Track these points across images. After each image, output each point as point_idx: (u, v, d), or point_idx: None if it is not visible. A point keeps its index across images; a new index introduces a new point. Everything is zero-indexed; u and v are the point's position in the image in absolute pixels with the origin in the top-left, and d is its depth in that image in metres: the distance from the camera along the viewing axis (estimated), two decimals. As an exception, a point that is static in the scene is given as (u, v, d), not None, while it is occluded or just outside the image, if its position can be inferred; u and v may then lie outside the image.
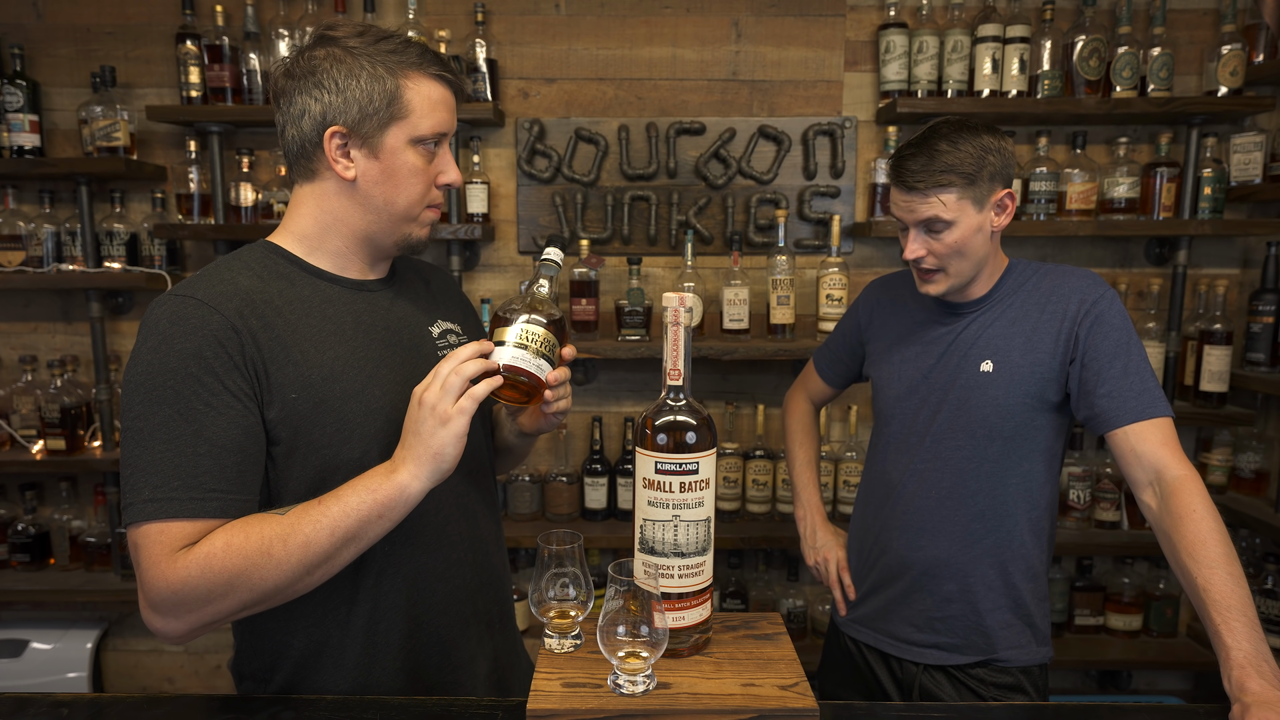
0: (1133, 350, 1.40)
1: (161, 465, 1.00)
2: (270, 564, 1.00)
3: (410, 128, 1.13)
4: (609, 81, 2.47)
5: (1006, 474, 1.49)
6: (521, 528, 2.47)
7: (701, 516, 1.05)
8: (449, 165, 1.19)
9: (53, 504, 2.59)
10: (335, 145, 1.12)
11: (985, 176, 1.39)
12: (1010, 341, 1.47)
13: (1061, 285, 1.47)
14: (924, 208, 1.41)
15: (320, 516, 1.02)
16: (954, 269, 1.45)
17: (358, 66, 1.11)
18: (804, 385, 1.90)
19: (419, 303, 1.29)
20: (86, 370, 2.56)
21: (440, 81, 1.16)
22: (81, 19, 2.45)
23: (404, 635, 1.18)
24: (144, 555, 1.00)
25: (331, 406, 1.10)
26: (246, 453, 1.04)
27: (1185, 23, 2.43)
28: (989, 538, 1.50)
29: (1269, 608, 2.31)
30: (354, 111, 1.11)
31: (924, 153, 1.40)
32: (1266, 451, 2.47)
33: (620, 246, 2.52)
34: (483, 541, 1.27)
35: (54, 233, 2.43)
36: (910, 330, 1.60)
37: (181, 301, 1.05)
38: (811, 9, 2.44)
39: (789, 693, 1.00)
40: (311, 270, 1.18)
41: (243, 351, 1.05)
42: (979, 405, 1.47)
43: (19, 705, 1.10)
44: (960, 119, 1.43)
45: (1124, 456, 1.38)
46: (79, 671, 2.55)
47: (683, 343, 1.04)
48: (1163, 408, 1.37)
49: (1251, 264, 2.51)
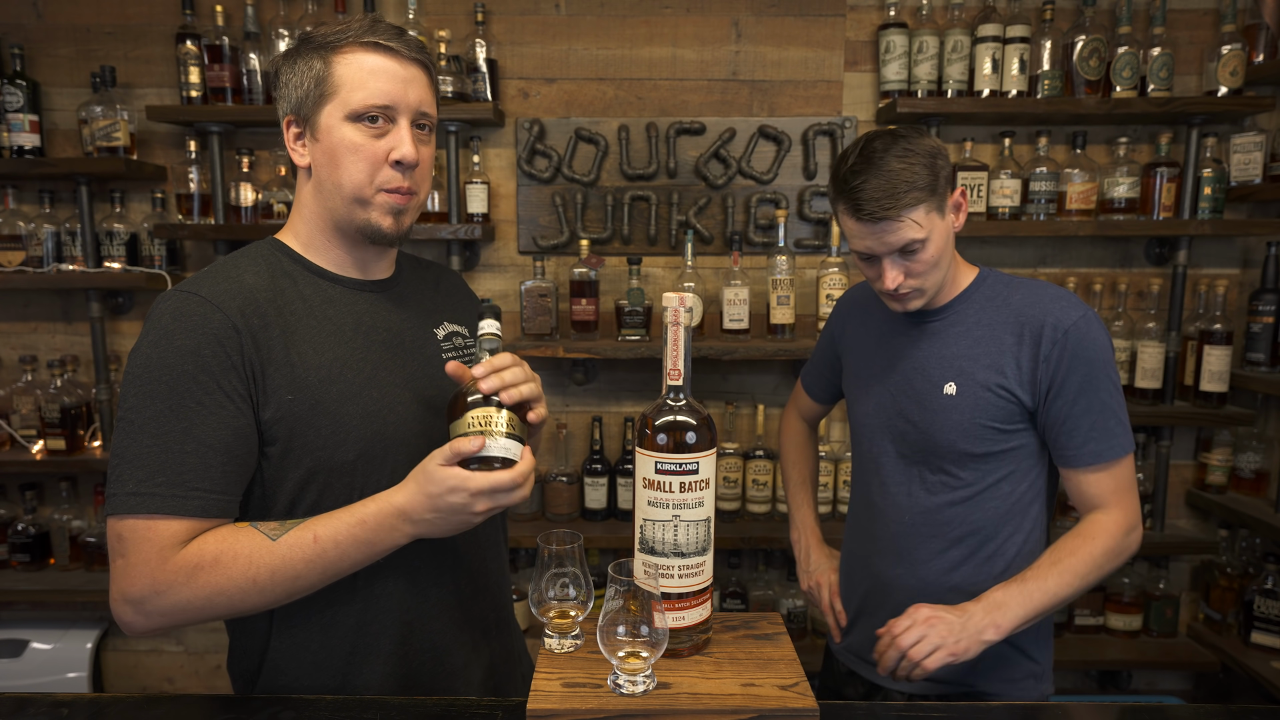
0: (1100, 384, 1.34)
1: (148, 459, 1.01)
2: (254, 591, 1.03)
3: (341, 104, 1.10)
4: (609, 81, 2.47)
5: (985, 496, 1.42)
6: (521, 528, 2.47)
7: (701, 516, 1.05)
8: (401, 140, 1.11)
9: (53, 504, 2.59)
10: (292, 135, 1.16)
11: (942, 181, 1.33)
12: (975, 362, 1.40)
13: (1033, 304, 1.39)
14: (896, 235, 1.32)
15: (315, 557, 1.04)
16: (930, 283, 1.39)
17: (299, 57, 1.13)
18: (795, 404, 1.85)
19: (425, 304, 1.28)
20: (86, 370, 2.56)
21: (374, 50, 1.10)
22: (81, 19, 2.44)
23: (396, 641, 1.17)
24: (131, 550, 1.01)
25: (327, 409, 1.09)
26: (233, 454, 1.05)
27: (1185, 23, 2.43)
28: (970, 563, 1.43)
29: (1269, 608, 2.31)
30: (294, 99, 1.13)
31: (878, 176, 1.30)
32: (1266, 451, 2.47)
33: (620, 246, 2.52)
34: (480, 548, 1.26)
35: (54, 233, 2.43)
36: (876, 342, 1.54)
37: (185, 298, 1.06)
38: (811, 9, 2.44)
39: (789, 693, 1.00)
40: (314, 269, 1.18)
41: (241, 351, 1.05)
42: (944, 430, 1.40)
43: (19, 705, 1.10)
44: (888, 130, 1.36)
45: (1072, 493, 1.41)
46: (79, 671, 2.55)
47: (683, 343, 1.04)
48: (1120, 447, 1.36)
49: (1251, 264, 2.51)
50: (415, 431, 1.16)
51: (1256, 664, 2.28)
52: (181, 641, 2.69)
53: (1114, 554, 1.36)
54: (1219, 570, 2.49)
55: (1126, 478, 1.38)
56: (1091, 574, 1.34)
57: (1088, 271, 2.51)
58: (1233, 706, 1.18)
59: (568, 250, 2.51)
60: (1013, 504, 1.43)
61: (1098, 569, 1.35)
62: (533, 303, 2.38)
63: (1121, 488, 1.37)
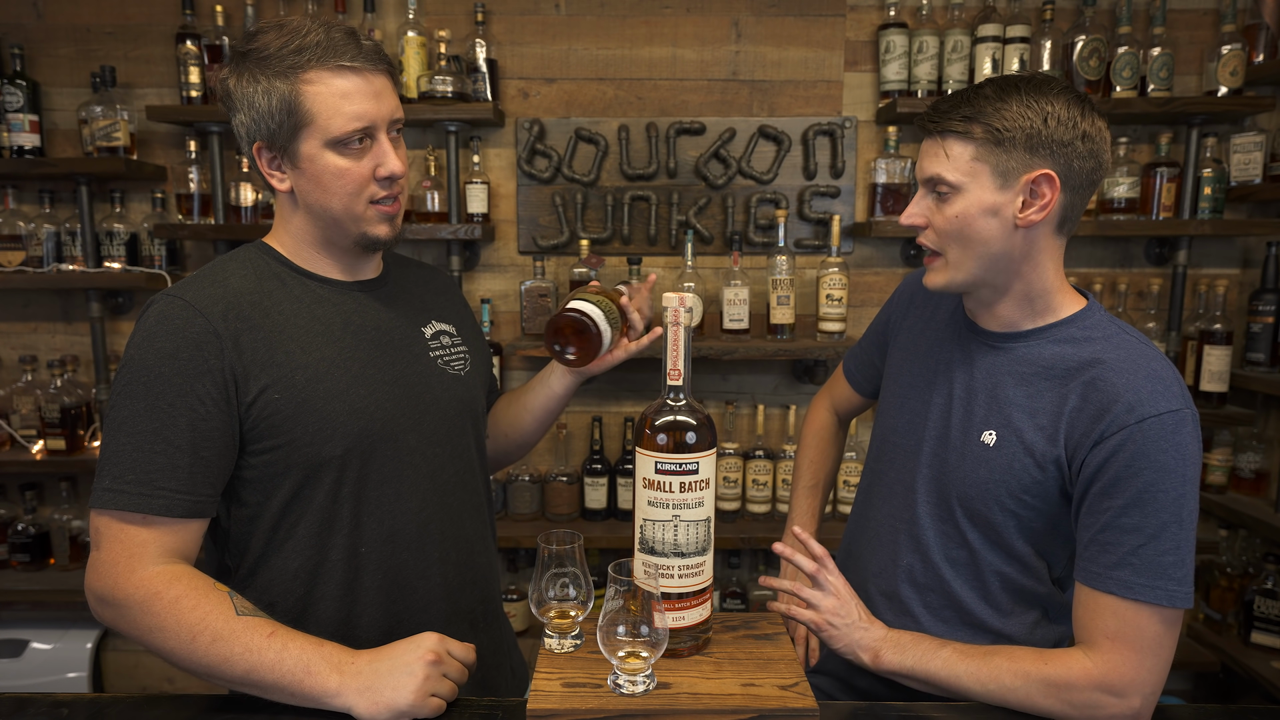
0: (1164, 503, 1.01)
1: (122, 457, 1.04)
2: (187, 646, 1.01)
3: (320, 132, 1.08)
4: (609, 81, 2.47)
5: (984, 569, 1.19)
6: (521, 528, 2.47)
7: (701, 516, 1.05)
8: (385, 155, 1.11)
9: (53, 504, 2.59)
10: (265, 161, 1.14)
11: (1021, 142, 1.05)
12: (1028, 417, 1.12)
13: (1120, 372, 1.07)
14: (928, 159, 1.11)
15: (253, 658, 1.01)
16: (952, 256, 1.12)
17: (254, 80, 1.08)
18: (829, 391, 1.58)
19: (413, 304, 1.29)
20: (86, 370, 2.56)
21: (340, 73, 1.07)
22: (81, 19, 2.44)
23: (382, 633, 1.18)
24: (104, 546, 1.05)
25: (314, 406, 1.11)
26: (200, 455, 1.06)
27: (1185, 23, 2.43)
28: (960, 633, 1.21)
29: (1269, 608, 2.31)
30: (265, 128, 1.10)
31: (964, 93, 1.09)
32: (1266, 451, 2.47)
33: (620, 246, 2.52)
34: (467, 541, 1.28)
35: (54, 233, 2.43)
36: (930, 345, 1.28)
37: (170, 302, 1.09)
38: (811, 9, 2.44)
39: (789, 693, 1.00)
40: (301, 272, 1.19)
41: (221, 356, 1.07)
42: (963, 482, 1.17)
43: (19, 705, 1.10)
44: (1045, 77, 1.09)
45: (1074, 614, 1.10)
46: (79, 671, 2.55)
47: (683, 343, 1.04)
48: (1161, 593, 1.01)
49: (1251, 264, 2.51)
50: (403, 427, 1.18)
51: (1256, 664, 2.28)
52: (181, 641, 2.68)
53: (1057, 696, 1.05)
54: (1219, 570, 2.49)
55: (1150, 638, 1.02)
56: (1010, 695, 1.08)
57: (1088, 271, 2.51)
58: (1233, 706, 1.18)
59: (568, 250, 2.51)
60: (1018, 586, 1.18)
61: (1023, 698, 1.07)
62: (533, 303, 2.38)
63: (1130, 643, 1.03)
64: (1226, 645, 2.39)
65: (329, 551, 1.16)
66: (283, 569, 1.15)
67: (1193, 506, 1.03)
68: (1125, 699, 1.03)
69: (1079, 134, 1.06)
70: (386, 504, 1.18)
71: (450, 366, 1.28)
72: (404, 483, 1.19)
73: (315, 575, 1.16)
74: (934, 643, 1.16)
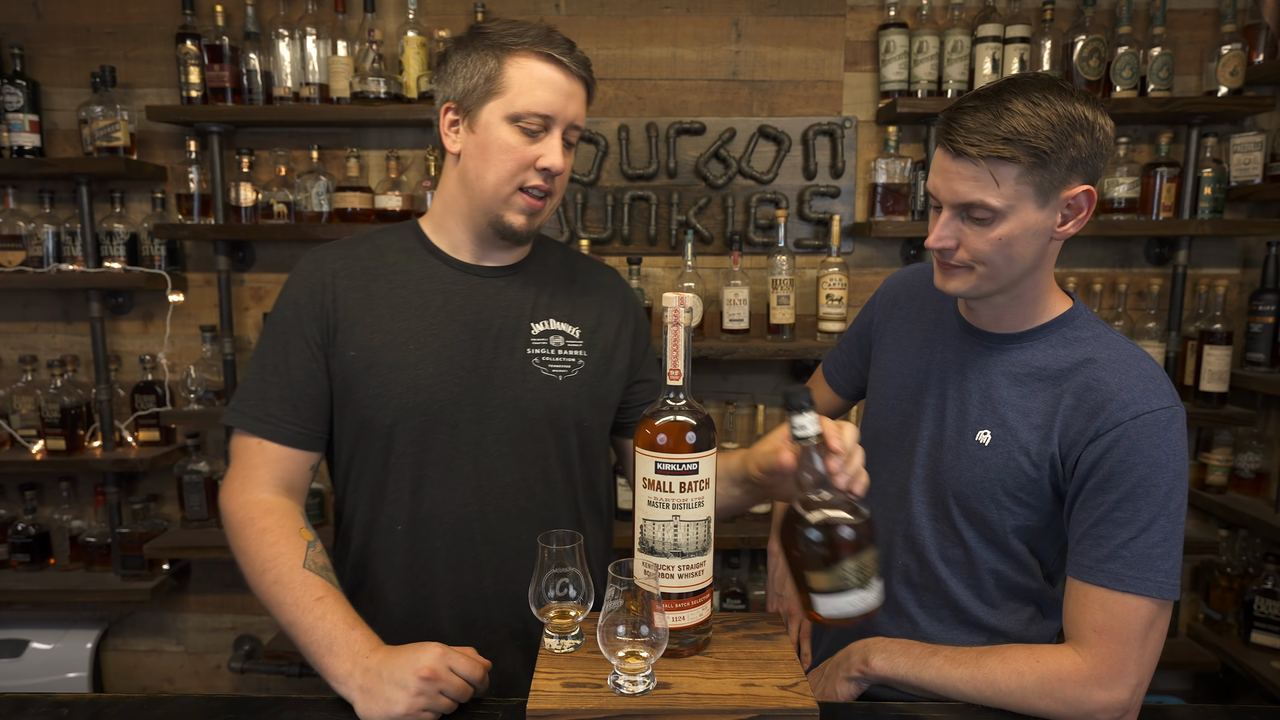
0: (1154, 497, 1.06)
1: (249, 383, 1.22)
2: (255, 576, 1.13)
3: (506, 104, 1.16)
4: (609, 81, 2.47)
5: (980, 567, 1.20)
6: (521, 528, 2.46)
7: (701, 516, 1.05)
8: (552, 149, 1.17)
9: (53, 504, 2.59)
10: (448, 121, 1.22)
11: (1063, 161, 1.03)
12: (1023, 416, 1.14)
13: (1112, 371, 1.10)
14: (964, 185, 1.06)
15: (296, 613, 1.08)
16: (986, 270, 1.11)
17: (473, 49, 1.17)
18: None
19: (538, 297, 1.27)
20: (86, 370, 2.56)
21: (547, 61, 1.15)
22: (81, 19, 2.44)
23: (399, 622, 1.22)
24: (234, 461, 1.21)
25: (379, 372, 1.19)
26: (304, 391, 1.20)
27: (1185, 23, 2.43)
28: (956, 631, 1.22)
29: (1269, 608, 2.31)
30: (460, 88, 1.18)
31: (990, 108, 1.03)
32: (1266, 451, 2.47)
33: (620, 246, 2.52)
34: (517, 554, 1.24)
35: (54, 233, 2.43)
36: (920, 346, 1.28)
37: (308, 257, 1.25)
38: (811, 9, 2.44)
39: (789, 693, 1.00)
40: (431, 248, 1.27)
41: (323, 304, 1.21)
42: (958, 481, 1.18)
43: (19, 705, 1.10)
44: (1047, 75, 1.08)
45: (1065, 607, 1.12)
46: (79, 671, 2.55)
47: (683, 343, 1.04)
48: (1150, 585, 1.04)
49: (1251, 264, 2.51)
50: (465, 416, 1.21)
51: (1256, 664, 2.28)
52: (181, 641, 2.68)
53: (1051, 695, 1.06)
54: (1219, 570, 2.49)
55: (1136, 630, 1.05)
56: (1008, 700, 1.09)
57: (1088, 271, 2.51)
58: (1233, 706, 1.18)
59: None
60: (1014, 585, 1.20)
61: (1019, 701, 1.08)
62: (533, 303, 2.38)
63: (1117, 636, 1.05)
64: (1226, 645, 2.39)
65: (379, 516, 1.23)
66: (351, 519, 1.27)
67: (1181, 501, 1.08)
68: (1112, 691, 1.06)
69: (1102, 139, 1.07)
70: (430, 487, 1.20)
71: (547, 367, 1.25)
72: (453, 471, 1.20)
73: (369, 535, 1.23)
74: (924, 650, 1.17)
